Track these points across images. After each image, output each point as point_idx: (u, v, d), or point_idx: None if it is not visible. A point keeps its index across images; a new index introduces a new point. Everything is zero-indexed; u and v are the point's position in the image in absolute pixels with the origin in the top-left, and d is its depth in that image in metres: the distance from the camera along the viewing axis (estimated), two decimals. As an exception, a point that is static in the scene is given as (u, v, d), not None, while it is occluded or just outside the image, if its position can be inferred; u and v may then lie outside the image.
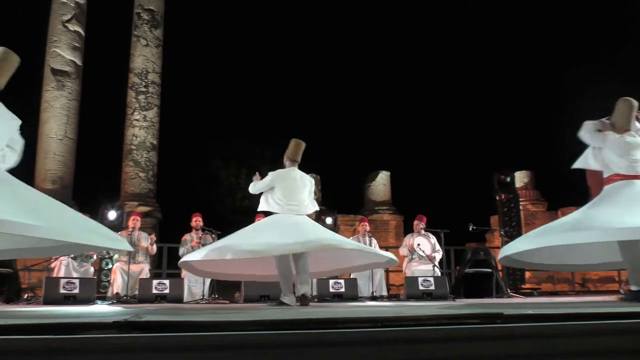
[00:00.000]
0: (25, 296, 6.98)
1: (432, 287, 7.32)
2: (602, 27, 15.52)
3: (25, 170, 3.82)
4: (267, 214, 5.54)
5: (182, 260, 5.56)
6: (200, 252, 5.29)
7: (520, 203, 11.62)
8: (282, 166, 5.59)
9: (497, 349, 2.09)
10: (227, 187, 18.15)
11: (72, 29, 11.96)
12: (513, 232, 10.17)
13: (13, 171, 3.67)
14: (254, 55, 16.89)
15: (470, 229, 8.25)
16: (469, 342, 2.11)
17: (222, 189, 18.06)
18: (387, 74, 16.98)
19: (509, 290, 8.27)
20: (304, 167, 5.72)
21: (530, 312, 2.35)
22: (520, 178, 13.33)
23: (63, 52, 11.79)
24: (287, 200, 5.30)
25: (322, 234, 5.23)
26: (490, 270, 8.10)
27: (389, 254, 5.62)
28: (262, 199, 5.49)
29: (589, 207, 4.19)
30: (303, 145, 5.61)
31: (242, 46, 16.81)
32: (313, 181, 5.64)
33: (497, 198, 10.89)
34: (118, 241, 3.55)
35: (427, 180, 15.41)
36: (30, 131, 10.94)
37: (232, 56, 16.75)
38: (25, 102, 3.59)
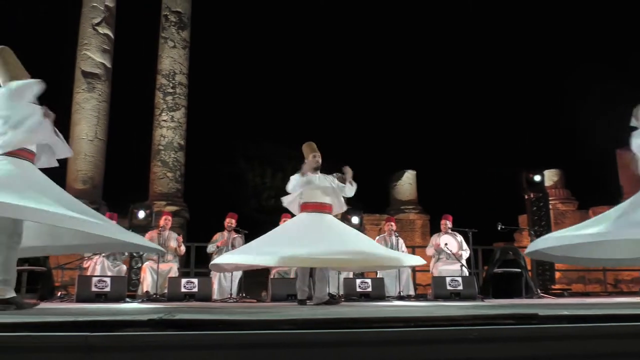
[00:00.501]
0: (59, 294, 7.15)
1: (460, 287, 7.25)
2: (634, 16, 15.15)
3: (57, 171, 3.91)
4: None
5: (213, 262, 5.68)
6: (235, 256, 5.40)
7: (550, 202, 11.42)
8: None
9: (533, 350, 2.06)
10: (253, 187, 18.26)
11: (101, 32, 12.19)
12: (542, 231, 9.98)
13: (46, 170, 3.77)
14: (279, 55, 16.95)
15: (499, 228, 8.15)
16: (504, 343, 2.08)
17: (248, 189, 18.18)
18: (412, 72, 16.86)
19: (538, 291, 8.14)
20: (330, 167, 5.74)
21: (566, 313, 2.30)
22: (550, 176, 13.11)
23: (93, 54, 12.03)
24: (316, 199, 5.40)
25: (353, 244, 5.24)
26: (519, 270, 7.98)
27: (415, 260, 5.65)
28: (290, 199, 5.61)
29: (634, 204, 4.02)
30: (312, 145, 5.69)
31: (267, 46, 16.89)
32: (335, 180, 5.63)
33: (526, 197, 10.71)
34: (149, 243, 3.69)
35: (453, 179, 15.27)
36: (62, 133, 11.14)
37: (258, 56, 16.85)
38: (57, 104, 3.68)
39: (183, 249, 8.18)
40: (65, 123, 11.60)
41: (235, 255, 5.37)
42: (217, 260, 5.55)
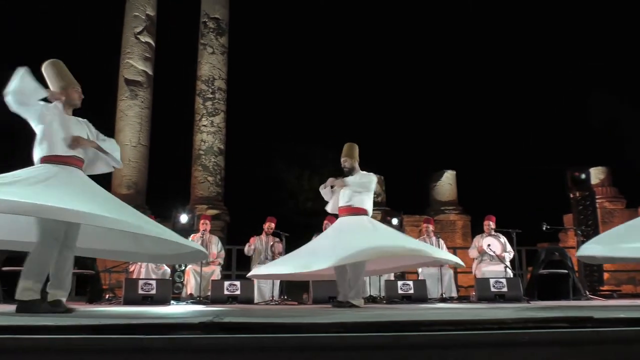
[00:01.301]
0: (106, 296, 7.34)
1: (505, 289, 7.10)
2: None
3: (102, 177, 4.02)
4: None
5: (251, 273, 5.78)
6: (274, 267, 5.49)
7: (597, 201, 11.08)
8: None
9: (588, 355, 2.00)
10: (291, 190, 18.37)
11: (143, 40, 12.50)
12: (590, 231, 9.71)
13: (92, 176, 3.89)
14: (315, 58, 17.02)
15: (544, 228, 7.95)
16: (557, 347, 2.03)
17: (286, 191, 18.30)
18: (452, 71, 16.67)
19: (587, 293, 7.91)
20: (369, 167, 5.74)
21: (622, 315, 2.23)
22: (596, 174, 12.72)
23: (135, 62, 12.34)
24: (342, 203, 5.45)
25: (383, 239, 5.22)
26: (566, 271, 7.78)
27: (453, 258, 5.60)
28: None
29: None
30: (355, 146, 5.69)
31: (303, 49, 16.97)
32: (370, 179, 5.60)
33: (571, 196, 10.43)
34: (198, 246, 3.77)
35: (495, 178, 14.99)
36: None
37: (294, 59, 16.96)
38: (102, 112, 3.80)
39: (222, 254, 8.32)
40: (110, 130, 11.94)
41: (278, 266, 5.49)
42: (259, 271, 5.64)
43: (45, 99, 3.69)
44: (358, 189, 5.45)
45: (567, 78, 15.75)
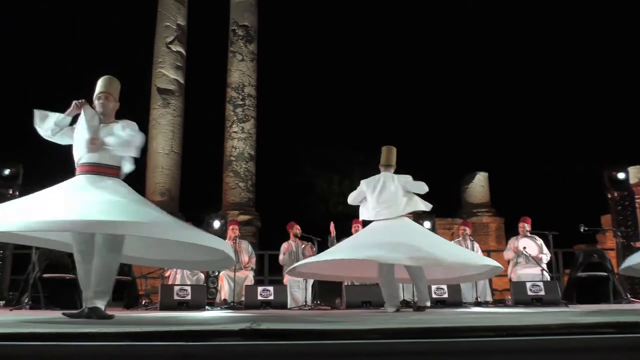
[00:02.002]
0: (143, 302, 7.46)
1: (542, 292, 6.96)
2: None
3: (136, 184, 4.09)
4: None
5: (292, 267, 5.75)
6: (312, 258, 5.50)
7: (636, 200, 10.75)
8: (375, 171, 5.69)
9: (637, 361, 1.94)
10: (321, 194, 18.39)
11: (174, 49, 12.73)
12: (629, 232, 9.43)
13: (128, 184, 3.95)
14: (344, 61, 17.03)
15: (582, 230, 7.75)
16: (604, 353, 1.98)
17: (316, 196, 18.33)
18: (481, 72, 16.46)
19: (628, 296, 7.68)
20: (399, 169, 5.72)
21: (671, 320, 2.16)
22: (635, 173, 12.34)
23: (167, 71, 12.57)
24: (378, 206, 5.38)
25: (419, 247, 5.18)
26: (606, 274, 7.58)
27: (494, 262, 5.50)
28: (360, 208, 5.60)
29: None
30: (393, 149, 5.65)
31: (332, 53, 17.00)
32: (407, 179, 5.55)
33: (609, 196, 10.14)
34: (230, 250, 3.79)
35: (529, 179, 14.72)
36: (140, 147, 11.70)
37: (322, 64, 16.99)
38: (135, 121, 3.85)
39: (253, 260, 8.37)
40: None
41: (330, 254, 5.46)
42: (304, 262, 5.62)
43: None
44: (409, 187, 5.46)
45: (604, 74, 15.37)
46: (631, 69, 15.25)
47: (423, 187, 5.48)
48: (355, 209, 5.97)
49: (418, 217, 10.98)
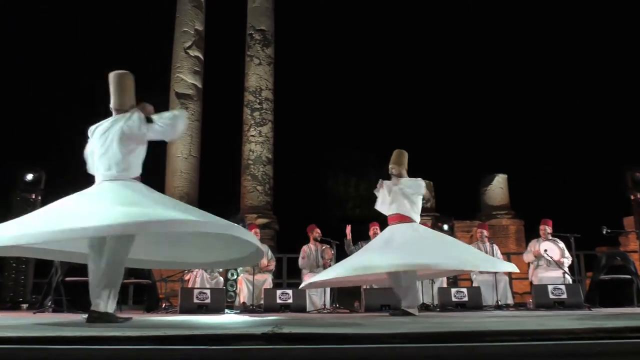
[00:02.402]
0: (163, 305, 7.52)
1: (564, 296, 6.88)
2: None
3: (156, 189, 4.12)
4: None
5: (305, 284, 5.81)
6: (330, 273, 5.50)
7: (660, 202, 10.56)
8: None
9: (666, 366, 1.90)
10: (338, 197, 18.38)
11: (192, 54, 12.85)
12: (653, 234, 9.27)
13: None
14: (360, 64, 17.00)
15: (604, 232, 7.65)
16: (632, 358, 1.94)
17: (333, 199, 18.32)
18: (497, 73, 16.31)
19: (653, 299, 7.54)
20: (417, 172, 5.70)
21: (702, 325, 2.11)
22: (658, 174, 12.13)
23: (185, 76, 12.70)
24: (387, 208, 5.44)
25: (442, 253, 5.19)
26: (629, 276, 7.46)
27: (510, 266, 5.48)
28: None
29: None
30: (404, 153, 5.67)
31: (347, 56, 16.99)
32: (419, 185, 5.56)
33: (632, 197, 9.97)
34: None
35: (548, 181, 14.53)
36: (159, 152, 11.86)
37: (338, 65, 16.97)
38: (154, 125, 3.87)
39: (273, 263, 8.39)
40: (162, 143, 12.24)
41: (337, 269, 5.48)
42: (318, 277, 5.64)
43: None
44: (408, 190, 5.44)
45: (629, 73, 15.12)
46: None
47: (421, 185, 5.55)
48: (373, 212, 5.98)
49: (437, 219, 10.94)
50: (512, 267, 5.50)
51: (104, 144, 3.75)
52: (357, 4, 16.74)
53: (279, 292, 7.19)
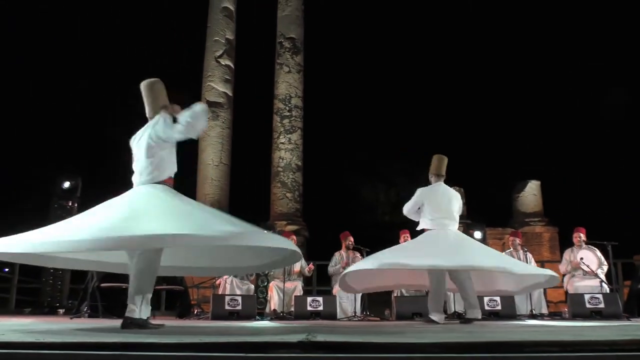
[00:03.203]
0: (195, 311, 7.59)
1: (602, 305, 6.69)
2: None
3: (187, 196, 4.17)
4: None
5: (344, 273, 5.73)
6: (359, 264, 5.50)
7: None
8: (422, 180, 5.76)
9: None
10: (368, 203, 18.32)
11: (223, 63, 13.04)
12: (694, 242, 8.97)
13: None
14: (390, 70, 16.96)
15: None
16: (679, 371, 1.88)
17: (363, 205, 18.27)
18: (531, 79, 16.07)
19: (695, 309, 7.29)
20: (449, 178, 5.69)
21: None
22: (698, 181, 11.77)
23: (216, 85, 12.88)
24: (437, 215, 5.34)
25: (477, 255, 5.15)
26: (670, 286, 7.22)
27: (550, 272, 5.38)
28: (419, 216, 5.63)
29: None
30: (445, 159, 5.66)
31: (377, 63, 16.98)
32: (459, 196, 5.61)
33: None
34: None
35: (583, 187, 14.21)
36: (190, 160, 12.04)
37: (368, 72, 16.99)
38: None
39: (311, 269, 8.40)
40: (193, 150, 12.46)
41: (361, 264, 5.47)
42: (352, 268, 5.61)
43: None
44: None
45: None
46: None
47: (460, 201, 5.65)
48: (402, 219, 5.94)
49: (468, 226, 10.79)
50: (552, 273, 5.46)
51: (137, 152, 3.88)
52: (388, 11, 16.72)
53: (309, 299, 7.19)
